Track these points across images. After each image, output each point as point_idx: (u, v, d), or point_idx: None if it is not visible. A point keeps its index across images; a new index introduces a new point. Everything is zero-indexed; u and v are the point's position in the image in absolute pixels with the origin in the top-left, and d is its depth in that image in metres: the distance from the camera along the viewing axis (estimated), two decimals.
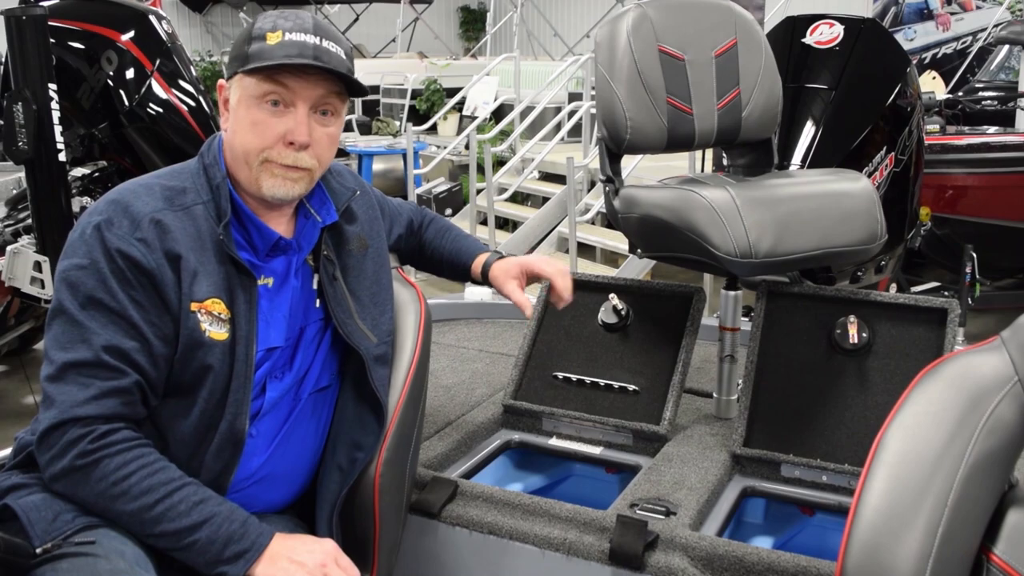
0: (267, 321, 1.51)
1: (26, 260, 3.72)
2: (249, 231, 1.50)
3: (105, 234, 1.38)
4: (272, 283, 1.53)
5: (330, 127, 1.51)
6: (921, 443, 1.17)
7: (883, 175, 3.21)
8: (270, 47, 1.43)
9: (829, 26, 3.29)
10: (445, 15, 17.98)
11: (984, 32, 8.29)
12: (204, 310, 1.42)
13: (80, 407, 1.33)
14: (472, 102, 9.66)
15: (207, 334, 1.42)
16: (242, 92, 1.46)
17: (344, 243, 1.64)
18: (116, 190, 1.47)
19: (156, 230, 1.40)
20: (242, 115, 1.46)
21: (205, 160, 1.52)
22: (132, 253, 1.38)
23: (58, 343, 1.37)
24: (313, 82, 1.45)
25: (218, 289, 1.44)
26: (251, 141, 1.46)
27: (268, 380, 1.51)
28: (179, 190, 1.47)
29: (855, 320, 2.10)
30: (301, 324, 1.57)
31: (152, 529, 1.34)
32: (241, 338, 1.45)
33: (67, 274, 1.38)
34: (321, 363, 1.60)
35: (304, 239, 1.57)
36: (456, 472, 2.10)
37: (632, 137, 2.27)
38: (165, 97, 4.04)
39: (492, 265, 1.92)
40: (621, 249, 6.06)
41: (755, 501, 2.08)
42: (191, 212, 1.45)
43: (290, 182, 1.48)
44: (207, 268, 1.43)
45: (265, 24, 1.46)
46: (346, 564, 1.42)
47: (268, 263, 1.53)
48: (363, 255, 1.67)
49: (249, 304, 1.46)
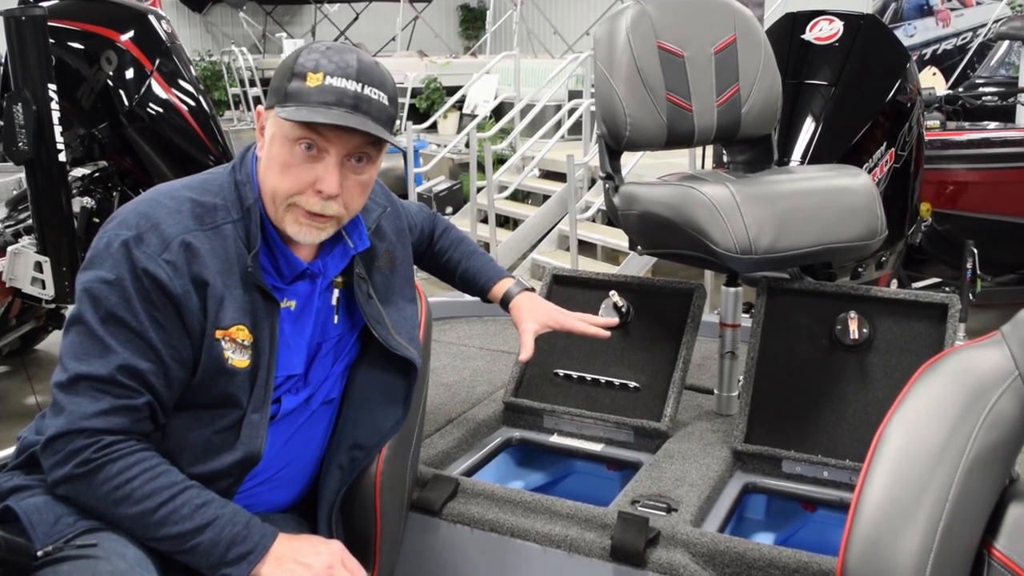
0: (288, 347, 1.49)
1: (27, 260, 3.71)
2: (276, 257, 1.48)
3: (134, 251, 1.35)
4: (295, 306, 1.51)
5: (363, 175, 1.45)
6: (922, 438, 1.17)
7: (883, 171, 3.21)
8: (308, 90, 1.37)
9: (829, 22, 3.28)
10: (445, 13, 17.99)
11: (984, 28, 8.28)
12: (228, 337, 1.40)
13: (88, 420, 1.32)
14: (472, 100, 9.66)
15: (230, 362, 1.41)
16: (277, 130, 1.41)
17: (374, 260, 1.63)
18: (146, 201, 1.43)
19: (185, 254, 1.37)
20: (275, 153, 1.41)
21: (238, 176, 1.48)
22: (159, 275, 1.35)
23: (74, 353, 1.35)
24: (349, 132, 1.39)
25: (242, 314, 1.42)
26: (280, 183, 1.41)
27: (284, 395, 1.51)
28: (210, 207, 1.43)
29: (856, 316, 2.10)
30: (319, 341, 1.56)
31: (155, 533, 1.34)
32: (263, 364, 1.44)
33: (91, 286, 1.36)
34: (334, 378, 1.60)
35: (331, 264, 1.54)
36: (457, 470, 2.10)
37: (632, 134, 2.27)
38: (165, 97, 4.03)
39: (516, 297, 1.96)
40: (622, 246, 6.05)
41: (756, 497, 2.08)
42: (221, 231, 1.42)
43: (315, 229, 1.44)
44: (233, 294, 1.41)
45: (308, 62, 1.39)
46: (353, 566, 1.42)
47: (291, 287, 1.51)
48: (391, 270, 1.66)
49: (271, 330, 1.45)
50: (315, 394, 1.57)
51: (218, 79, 13.07)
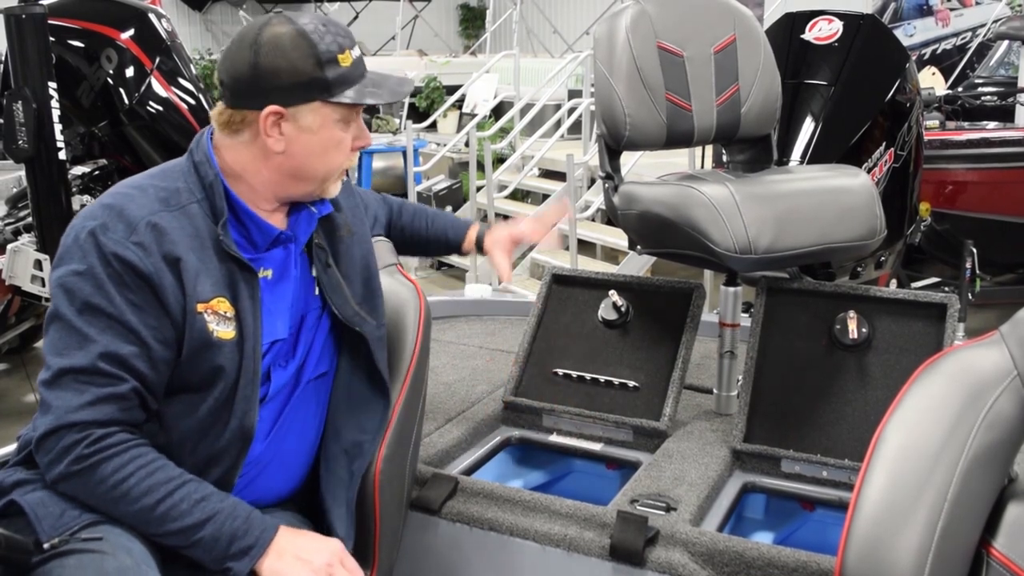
0: (271, 313, 1.51)
1: (26, 258, 3.72)
2: (248, 228, 1.50)
3: (100, 239, 1.37)
4: (272, 274, 1.53)
5: None
6: (921, 438, 1.17)
7: (882, 171, 3.21)
8: (347, 70, 1.46)
9: (828, 22, 3.29)
10: (444, 12, 17.97)
11: (983, 28, 8.28)
12: (210, 310, 1.41)
13: (75, 413, 1.32)
14: (472, 99, 9.65)
15: (215, 334, 1.42)
16: (324, 118, 1.46)
17: (334, 230, 1.65)
18: (109, 194, 1.45)
19: (153, 233, 1.39)
20: (325, 137, 1.48)
21: (195, 157, 1.50)
22: (129, 257, 1.36)
23: (55, 349, 1.36)
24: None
25: (222, 287, 1.43)
26: (337, 159, 1.51)
27: (272, 369, 1.52)
28: (172, 190, 1.45)
29: (855, 316, 2.10)
30: (302, 312, 1.58)
31: (157, 529, 1.34)
32: (248, 335, 1.45)
33: (63, 280, 1.37)
34: (320, 349, 1.61)
35: (300, 230, 1.57)
36: (456, 469, 2.10)
37: (631, 134, 2.27)
38: (165, 95, 4.04)
39: (484, 238, 2.09)
40: (621, 246, 6.05)
41: (755, 496, 2.08)
42: (187, 211, 1.44)
43: (341, 182, 1.58)
44: (209, 267, 1.43)
45: (329, 44, 1.45)
46: (352, 566, 1.42)
47: (267, 255, 1.53)
48: (351, 241, 1.68)
49: (252, 300, 1.46)
50: (304, 365, 1.57)
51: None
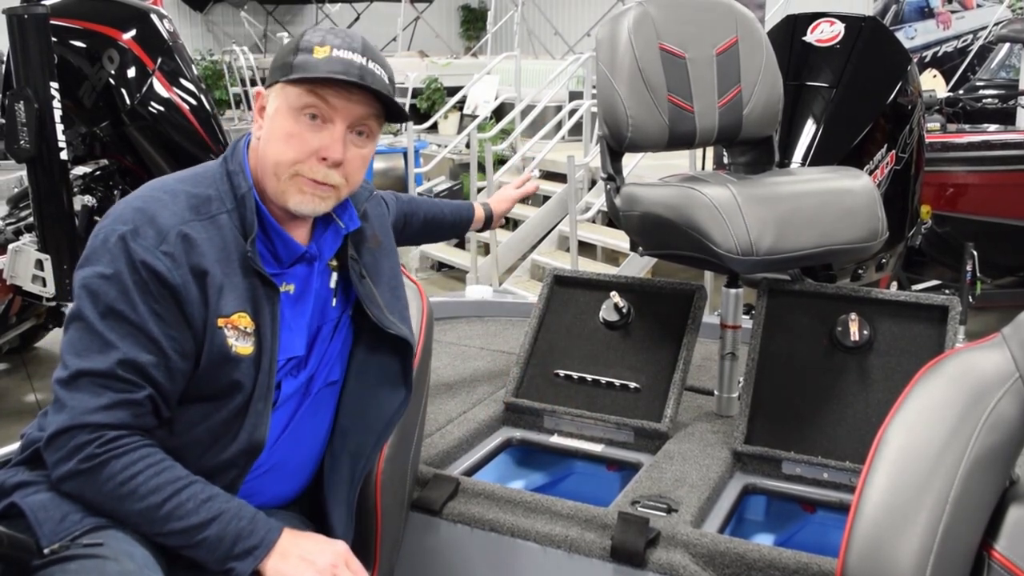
0: (290, 329, 1.50)
1: (28, 258, 3.71)
2: (273, 242, 1.49)
3: (130, 244, 1.36)
4: (293, 289, 1.52)
5: (364, 148, 1.49)
6: (922, 440, 1.17)
7: (884, 173, 3.21)
8: (316, 61, 1.41)
9: (830, 24, 3.29)
10: (446, 14, 17.98)
11: (985, 30, 8.28)
12: (231, 325, 1.41)
13: (90, 415, 1.32)
14: (473, 101, 9.65)
15: (234, 350, 1.41)
16: (281, 102, 1.44)
17: (364, 242, 1.65)
18: (140, 196, 1.44)
19: (183, 244, 1.38)
20: (278, 125, 1.44)
21: (229, 166, 1.50)
22: (157, 267, 1.36)
23: (74, 349, 1.36)
24: (355, 101, 1.43)
25: (244, 302, 1.43)
26: (284, 152, 1.44)
27: (284, 379, 1.52)
28: (204, 198, 1.45)
29: (856, 318, 2.10)
30: (318, 324, 1.57)
31: (161, 528, 1.34)
32: (266, 350, 1.44)
33: (88, 281, 1.37)
34: (332, 359, 1.60)
35: (325, 246, 1.56)
36: (458, 469, 2.10)
37: (633, 135, 2.28)
38: (167, 96, 4.03)
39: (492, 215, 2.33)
40: (622, 247, 6.06)
41: (756, 498, 2.08)
42: (216, 221, 1.43)
43: (318, 199, 1.46)
44: (233, 281, 1.42)
45: (314, 38, 1.44)
46: (356, 568, 1.42)
47: (289, 270, 1.52)
48: (379, 252, 1.68)
49: (272, 315, 1.45)
50: (315, 376, 1.57)
51: (219, 78, 13.05)
